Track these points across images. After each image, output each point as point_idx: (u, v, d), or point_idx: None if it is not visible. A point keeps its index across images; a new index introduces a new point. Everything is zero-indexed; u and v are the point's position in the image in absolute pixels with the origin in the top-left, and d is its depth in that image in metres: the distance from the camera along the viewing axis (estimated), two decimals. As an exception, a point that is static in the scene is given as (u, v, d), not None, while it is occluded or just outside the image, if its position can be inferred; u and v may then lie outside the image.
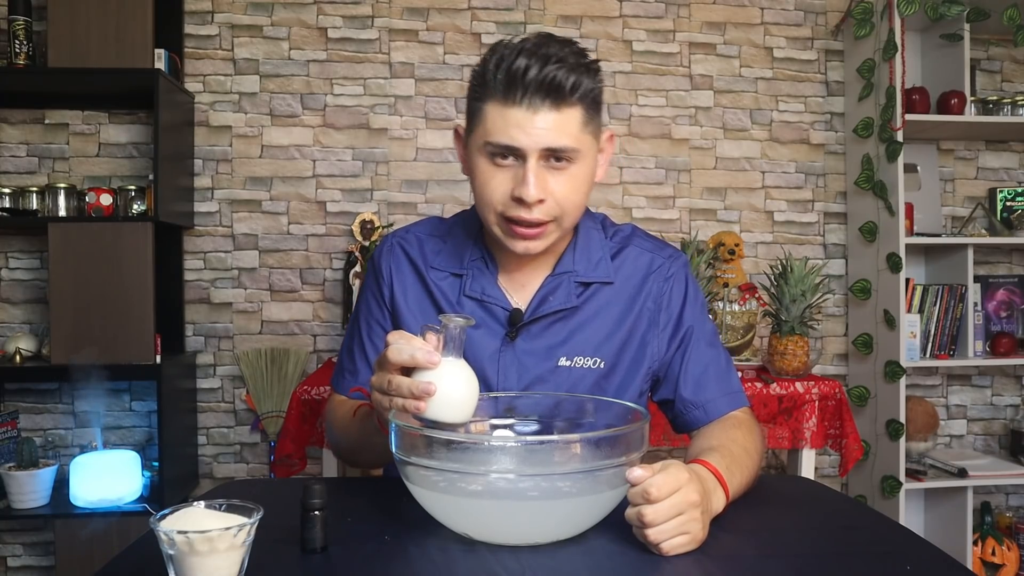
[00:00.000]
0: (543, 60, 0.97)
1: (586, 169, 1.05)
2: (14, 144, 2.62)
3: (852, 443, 2.14)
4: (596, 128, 1.06)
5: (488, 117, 1.01)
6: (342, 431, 1.15)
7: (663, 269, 1.17)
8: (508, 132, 0.99)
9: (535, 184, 1.00)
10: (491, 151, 1.02)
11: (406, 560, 0.79)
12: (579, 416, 1.01)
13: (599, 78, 1.04)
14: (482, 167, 1.04)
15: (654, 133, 2.82)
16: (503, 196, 1.03)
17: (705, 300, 1.23)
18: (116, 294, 2.31)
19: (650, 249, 1.19)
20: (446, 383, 0.87)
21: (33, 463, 2.32)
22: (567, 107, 0.99)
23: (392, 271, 1.19)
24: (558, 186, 1.02)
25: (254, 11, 2.69)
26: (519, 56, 0.97)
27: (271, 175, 2.70)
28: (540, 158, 1.00)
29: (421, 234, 1.21)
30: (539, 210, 1.02)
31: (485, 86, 1.01)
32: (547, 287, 1.13)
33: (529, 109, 0.98)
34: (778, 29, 2.86)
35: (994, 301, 2.84)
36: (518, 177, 1.01)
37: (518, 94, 0.97)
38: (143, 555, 0.80)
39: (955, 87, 2.64)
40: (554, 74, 0.97)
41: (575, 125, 1.00)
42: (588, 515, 0.83)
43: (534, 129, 0.98)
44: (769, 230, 2.86)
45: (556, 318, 1.13)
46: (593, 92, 1.02)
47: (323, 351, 2.72)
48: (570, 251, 1.15)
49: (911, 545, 0.86)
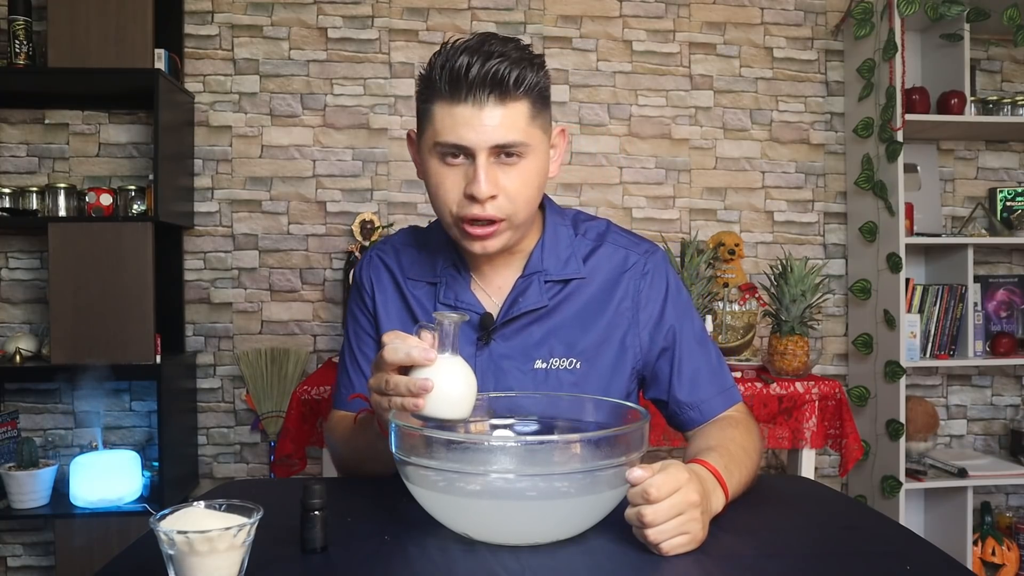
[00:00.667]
0: (485, 56, 0.98)
1: (536, 164, 1.05)
2: (14, 144, 2.62)
3: (852, 443, 2.14)
4: (545, 123, 1.06)
5: (436, 117, 1.02)
6: (344, 443, 1.15)
7: (638, 266, 1.16)
8: (456, 131, 1.00)
9: (486, 180, 1.00)
10: (441, 151, 1.03)
11: (406, 560, 0.79)
12: (579, 415, 1.01)
13: (544, 72, 1.04)
14: (434, 169, 1.05)
15: (654, 133, 2.82)
16: (456, 196, 1.04)
17: (689, 296, 1.22)
18: (116, 294, 2.31)
19: (624, 245, 1.18)
20: (444, 379, 0.87)
21: (33, 463, 2.32)
22: (512, 101, 1.00)
23: (373, 283, 1.20)
24: (509, 182, 1.03)
25: (254, 11, 2.69)
26: (462, 54, 0.98)
27: (271, 175, 2.70)
28: (490, 155, 1.01)
29: (398, 244, 1.22)
30: (492, 206, 1.02)
31: (431, 87, 1.02)
32: (518, 288, 1.13)
33: (475, 105, 0.99)
34: (778, 29, 2.86)
35: (994, 301, 2.84)
36: (469, 175, 1.02)
37: (463, 91, 0.99)
38: (143, 555, 0.80)
39: (955, 87, 2.64)
40: (496, 68, 0.97)
41: (522, 119, 1.01)
42: (588, 515, 0.83)
43: (481, 126, 0.99)
44: (769, 230, 2.86)
45: (530, 319, 1.12)
46: (539, 86, 1.03)
47: (323, 351, 2.72)
48: (538, 250, 1.15)
49: (911, 545, 0.86)
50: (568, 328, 1.13)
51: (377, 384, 0.90)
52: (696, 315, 1.20)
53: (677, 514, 0.80)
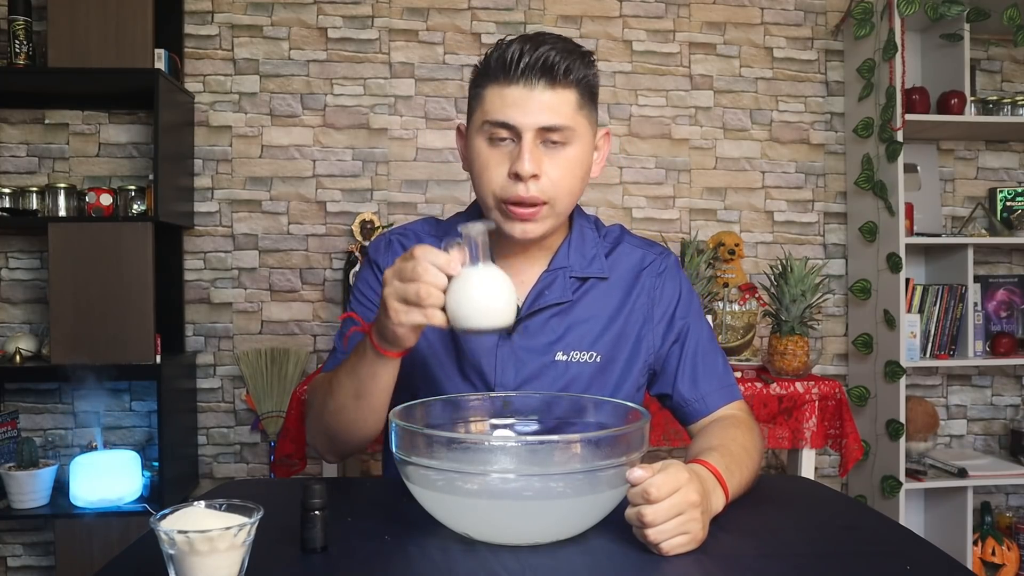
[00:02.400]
0: (538, 44, 1.03)
1: (580, 154, 1.08)
2: (14, 144, 2.62)
3: (852, 443, 2.14)
4: (591, 117, 1.10)
5: (487, 99, 1.06)
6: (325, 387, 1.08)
7: (655, 265, 1.20)
8: (506, 111, 1.04)
9: (530, 160, 1.03)
10: (489, 131, 1.06)
11: (406, 560, 0.79)
12: (579, 415, 1.01)
13: (594, 69, 1.08)
14: (481, 150, 1.08)
15: (654, 133, 2.82)
16: (501, 177, 1.06)
17: (700, 302, 1.25)
18: (116, 294, 2.31)
19: (640, 246, 1.22)
20: (482, 288, 0.87)
21: (33, 463, 2.32)
22: (561, 88, 1.04)
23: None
24: (552, 167, 1.06)
25: (254, 11, 2.69)
26: (515, 44, 1.04)
27: (271, 175, 2.70)
28: (536, 136, 1.04)
29: (420, 232, 1.22)
30: (535, 187, 1.05)
31: (485, 74, 1.07)
32: (543, 282, 1.15)
33: (526, 87, 1.03)
34: (778, 29, 2.86)
35: (994, 301, 2.84)
36: (514, 155, 1.05)
37: (515, 73, 1.03)
38: (143, 555, 0.80)
39: (955, 87, 2.64)
40: (548, 54, 1.02)
41: (569, 106, 1.05)
42: (588, 515, 0.83)
43: (530, 106, 1.03)
44: (769, 230, 2.86)
45: (552, 313, 1.14)
46: (586, 79, 1.07)
47: (323, 351, 2.71)
48: (565, 247, 1.17)
49: (911, 545, 0.86)
50: (589, 323, 1.15)
51: (403, 292, 0.89)
52: (706, 321, 1.23)
53: (677, 514, 0.80)
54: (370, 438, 1.09)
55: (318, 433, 1.13)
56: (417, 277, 0.88)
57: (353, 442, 1.09)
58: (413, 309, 0.89)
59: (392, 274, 0.91)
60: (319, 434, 1.13)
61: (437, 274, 0.88)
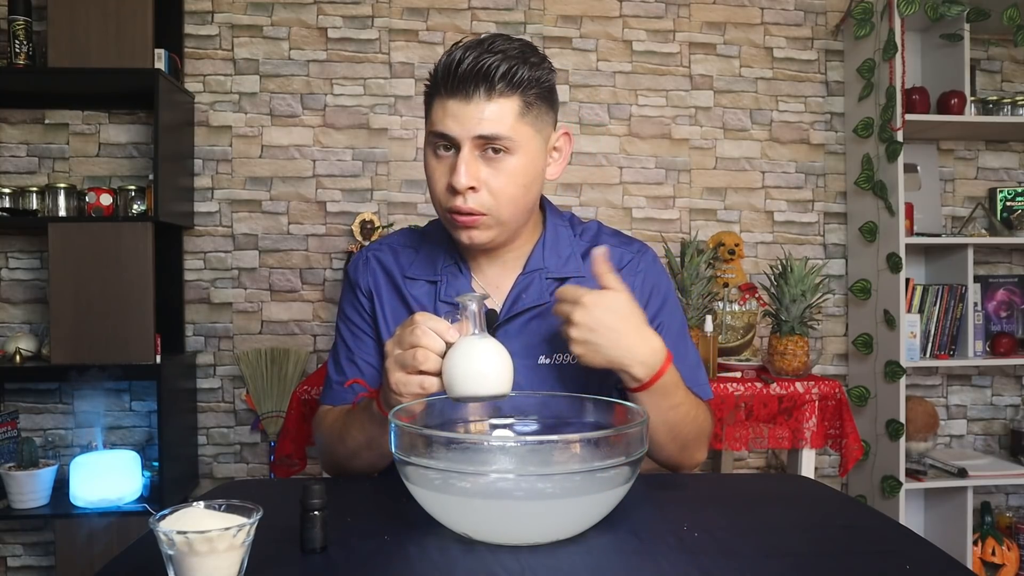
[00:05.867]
0: (480, 51, 1.01)
1: (525, 161, 1.06)
2: (14, 144, 2.62)
3: (852, 443, 2.14)
4: (538, 122, 1.07)
5: (433, 109, 1.05)
6: (335, 434, 1.14)
7: (632, 264, 1.19)
8: (445, 121, 1.03)
9: (465, 172, 1.02)
10: (432, 142, 1.06)
11: (406, 560, 0.79)
12: (578, 415, 1.01)
13: (541, 71, 1.05)
14: (429, 161, 1.08)
15: (654, 133, 2.82)
16: (442, 188, 1.06)
17: (677, 297, 1.26)
18: (116, 294, 2.31)
19: (617, 244, 1.21)
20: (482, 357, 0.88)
21: (33, 463, 2.32)
22: (500, 97, 1.02)
23: (369, 283, 1.20)
24: (492, 177, 1.04)
25: (254, 11, 2.69)
26: (459, 51, 1.02)
27: (271, 175, 2.70)
28: (474, 147, 1.03)
29: (396, 245, 1.22)
30: (472, 199, 1.04)
31: (433, 83, 1.05)
32: (519, 285, 1.15)
33: (463, 99, 1.01)
34: (778, 29, 2.86)
35: (994, 301, 2.84)
36: (454, 167, 1.04)
37: (453, 83, 1.01)
38: (143, 555, 0.80)
39: (955, 87, 2.64)
40: (486, 62, 1.00)
41: (510, 115, 1.02)
42: (588, 515, 0.83)
43: (467, 118, 1.01)
44: (769, 230, 2.86)
45: (531, 315, 1.14)
46: (532, 84, 1.03)
47: (323, 351, 2.71)
48: (539, 248, 1.17)
49: (911, 545, 0.86)
50: None
51: (402, 359, 0.91)
52: (681, 314, 1.23)
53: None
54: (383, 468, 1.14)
55: (331, 466, 1.19)
56: (416, 342, 0.90)
57: (367, 472, 1.15)
58: (411, 378, 0.91)
59: (392, 344, 0.94)
60: (332, 467, 1.19)
61: (435, 339, 0.90)
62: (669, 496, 1.02)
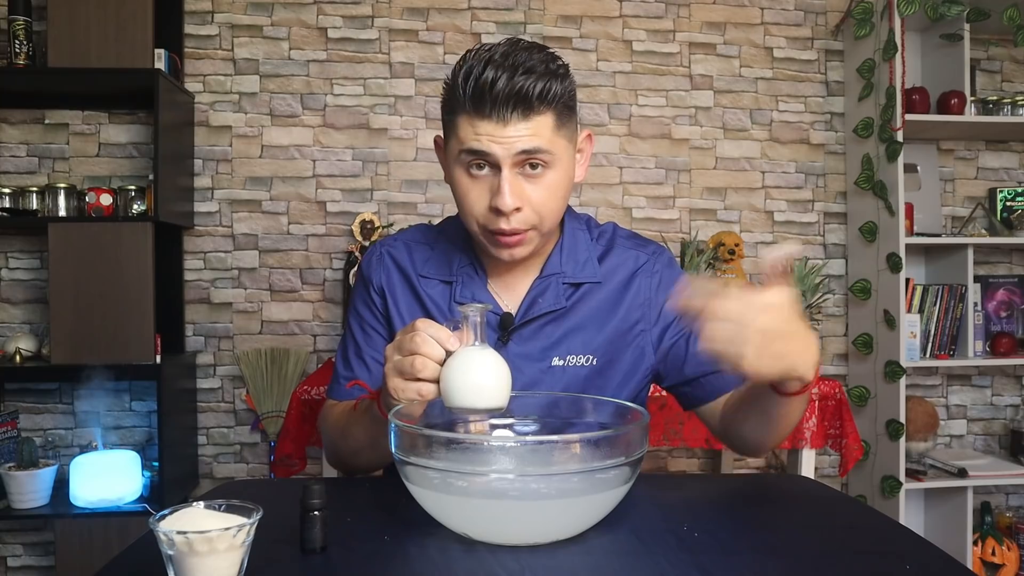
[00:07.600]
0: (511, 71, 0.97)
1: (562, 173, 1.05)
2: (14, 144, 2.62)
3: (852, 443, 2.14)
4: (570, 131, 1.06)
5: (460, 127, 1.02)
6: (339, 431, 1.14)
7: (648, 266, 1.18)
8: (481, 140, 1.00)
9: (510, 193, 1.01)
10: (466, 159, 1.03)
11: (406, 560, 0.79)
12: (579, 415, 1.01)
13: (569, 81, 1.04)
14: (461, 179, 1.05)
15: (654, 133, 2.82)
16: (482, 208, 1.04)
17: None
18: (116, 294, 2.31)
19: (633, 247, 1.20)
20: (480, 369, 0.87)
21: (33, 463, 2.32)
22: (537, 115, 1.00)
23: (383, 280, 1.19)
24: (535, 194, 1.03)
25: (254, 11, 2.69)
26: (487, 68, 0.98)
27: (271, 175, 2.70)
28: (514, 165, 1.01)
29: (410, 242, 1.21)
30: (517, 219, 1.03)
31: (455, 99, 1.02)
32: (536, 289, 1.14)
33: (499, 122, 0.99)
34: (778, 29, 2.86)
35: (994, 301, 2.84)
36: (494, 187, 1.02)
37: (487, 107, 0.98)
38: (143, 555, 0.80)
39: (955, 87, 2.64)
40: (521, 84, 0.97)
41: (547, 130, 1.01)
42: (588, 515, 0.83)
43: (506, 139, 0.99)
44: (769, 230, 2.86)
45: (547, 320, 1.14)
46: (563, 96, 1.02)
47: (323, 351, 2.71)
48: (557, 253, 1.16)
49: (911, 545, 0.86)
50: (584, 327, 1.14)
51: (400, 366, 0.90)
52: None
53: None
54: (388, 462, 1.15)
55: (335, 462, 1.19)
56: (415, 349, 0.89)
57: (373, 469, 1.16)
58: (409, 384, 0.90)
59: (392, 349, 0.93)
60: (337, 464, 1.19)
61: (435, 347, 0.89)
62: (669, 496, 1.02)
